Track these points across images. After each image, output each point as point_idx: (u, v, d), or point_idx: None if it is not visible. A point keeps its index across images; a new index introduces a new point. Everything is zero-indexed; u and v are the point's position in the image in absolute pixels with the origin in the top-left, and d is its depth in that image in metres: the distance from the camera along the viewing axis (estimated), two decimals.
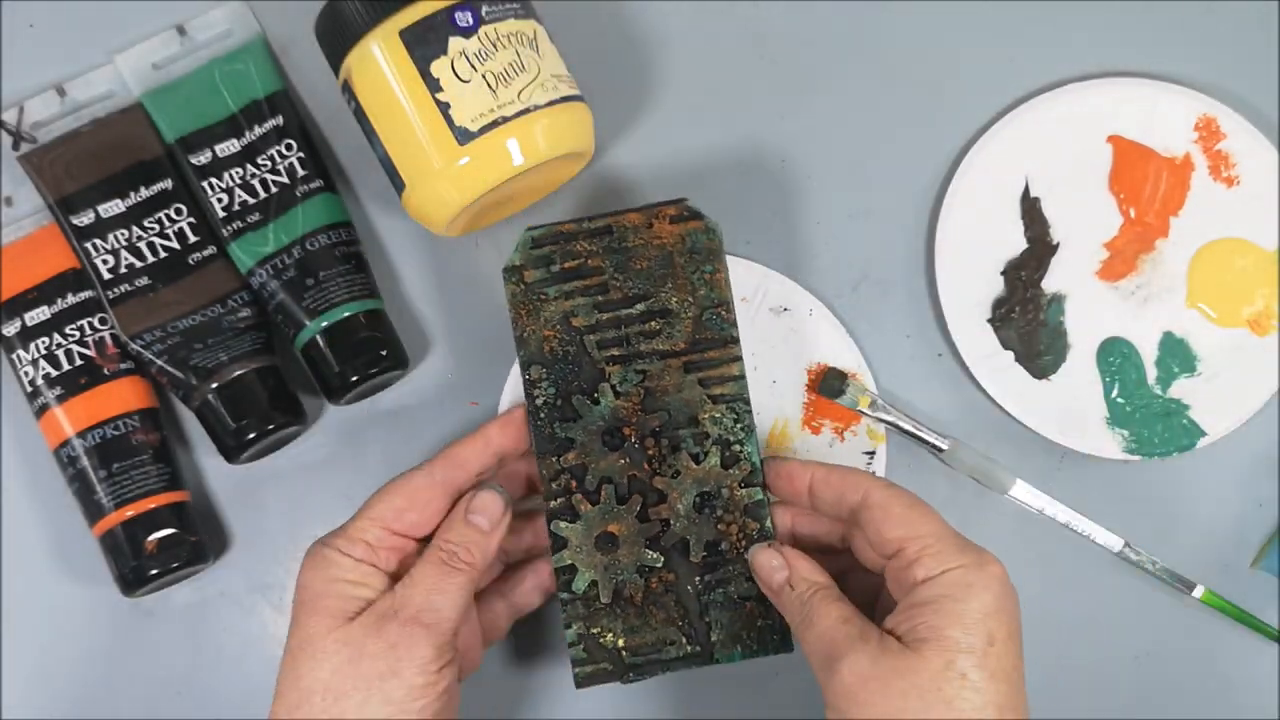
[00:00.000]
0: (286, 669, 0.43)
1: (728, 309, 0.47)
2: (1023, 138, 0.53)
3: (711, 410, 0.47)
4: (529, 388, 0.47)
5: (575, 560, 0.47)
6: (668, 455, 0.47)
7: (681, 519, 0.47)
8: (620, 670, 0.47)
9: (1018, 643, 0.40)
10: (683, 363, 0.47)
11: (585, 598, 0.47)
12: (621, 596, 0.47)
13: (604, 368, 0.47)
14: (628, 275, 0.48)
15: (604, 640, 0.47)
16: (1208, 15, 0.55)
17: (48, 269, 0.51)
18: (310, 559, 0.44)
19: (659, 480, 0.47)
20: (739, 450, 0.47)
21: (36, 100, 0.52)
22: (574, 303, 0.47)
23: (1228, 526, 0.54)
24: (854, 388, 0.51)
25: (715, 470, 0.47)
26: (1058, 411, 0.53)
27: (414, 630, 0.42)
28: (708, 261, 0.48)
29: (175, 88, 0.52)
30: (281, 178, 0.51)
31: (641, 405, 0.47)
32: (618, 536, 0.47)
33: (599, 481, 0.47)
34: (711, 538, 0.47)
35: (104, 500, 0.50)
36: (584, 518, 0.47)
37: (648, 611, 0.47)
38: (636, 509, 0.47)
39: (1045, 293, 0.53)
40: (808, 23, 0.55)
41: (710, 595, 0.47)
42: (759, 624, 0.47)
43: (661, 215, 0.48)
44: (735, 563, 0.47)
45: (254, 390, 0.50)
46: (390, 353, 0.51)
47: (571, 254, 0.48)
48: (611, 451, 0.47)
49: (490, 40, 0.46)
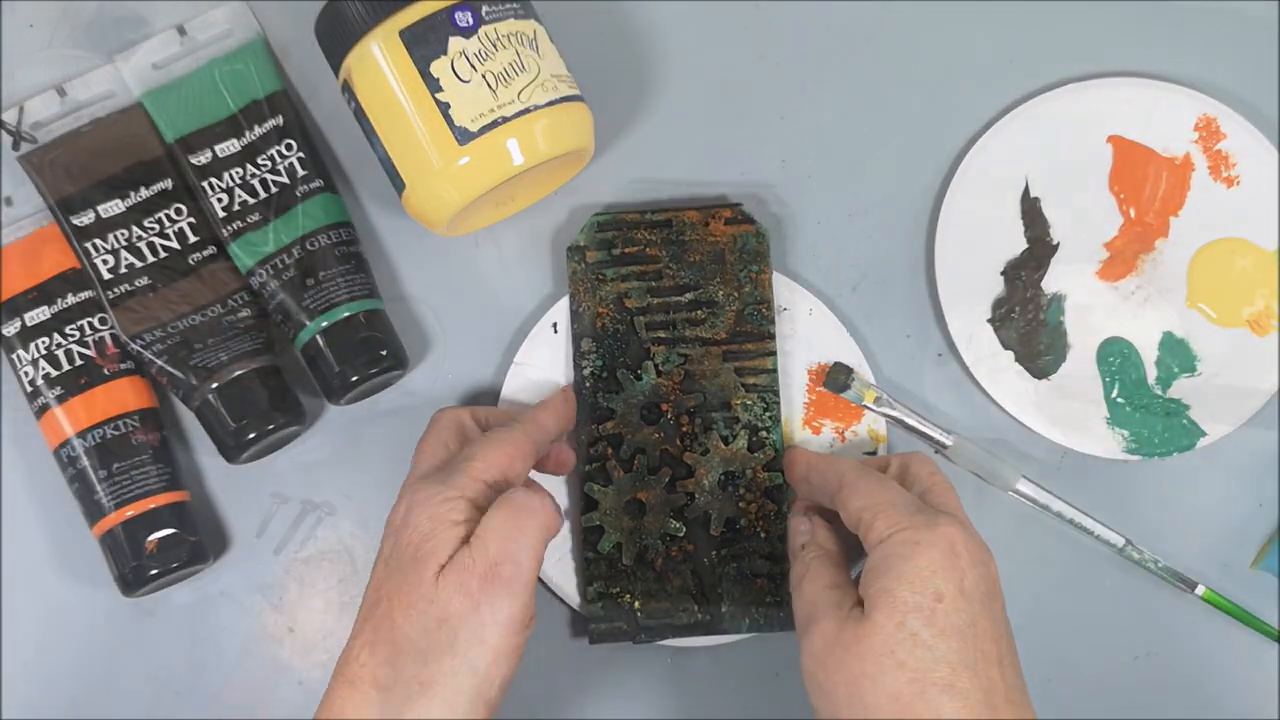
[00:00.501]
0: (381, 615, 0.41)
1: (768, 307, 0.51)
2: (1023, 138, 0.53)
3: (744, 397, 0.51)
4: (578, 358, 0.51)
5: (604, 522, 0.50)
6: (699, 434, 0.50)
7: (706, 494, 0.50)
8: (634, 630, 0.50)
9: (973, 599, 0.40)
10: (722, 351, 0.51)
11: (609, 558, 0.50)
12: (643, 561, 0.50)
13: (649, 347, 0.51)
14: (681, 266, 0.51)
15: (622, 600, 0.50)
16: (1208, 15, 0.55)
17: (48, 269, 0.51)
18: (419, 499, 0.42)
19: (689, 456, 0.50)
20: (765, 436, 0.50)
21: (36, 100, 0.52)
22: (629, 285, 0.51)
23: (1228, 526, 0.54)
24: (859, 383, 0.51)
25: (742, 452, 0.50)
26: (1057, 411, 0.53)
27: (497, 588, 0.40)
28: (755, 262, 0.51)
29: (175, 88, 0.52)
30: (281, 178, 0.51)
31: (680, 385, 0.51)
32: (646, 504, 0.50)
33: (633, 451, 0.50)
34: (732, 514, 0.50)
35: (104, 500, 0.50)
36: (616, 483, 0.50)
37: (665, 578, 0.50)
38: (666, 480, 0.50)
39: (1045, 293, 0.53)
40: (808, 23, 0.55)
41: (725, 569, 0.50)
42: (768, 600, 0.50)
43: (718, 216, 0.52)
44: (752, 540, 0.50)
45: (254, 390, 0.50)
46: (390, 353, 0.51)
47: (632, 241, 0.51)
48: (648, 425, 0.51)
49: (490, 40, 0.46)
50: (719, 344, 0.51)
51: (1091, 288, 0.54)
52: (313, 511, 0.53)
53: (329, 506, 0.53)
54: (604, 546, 0.50)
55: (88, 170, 0.51)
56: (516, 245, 0.54)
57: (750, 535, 0.50)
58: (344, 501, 0.53)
